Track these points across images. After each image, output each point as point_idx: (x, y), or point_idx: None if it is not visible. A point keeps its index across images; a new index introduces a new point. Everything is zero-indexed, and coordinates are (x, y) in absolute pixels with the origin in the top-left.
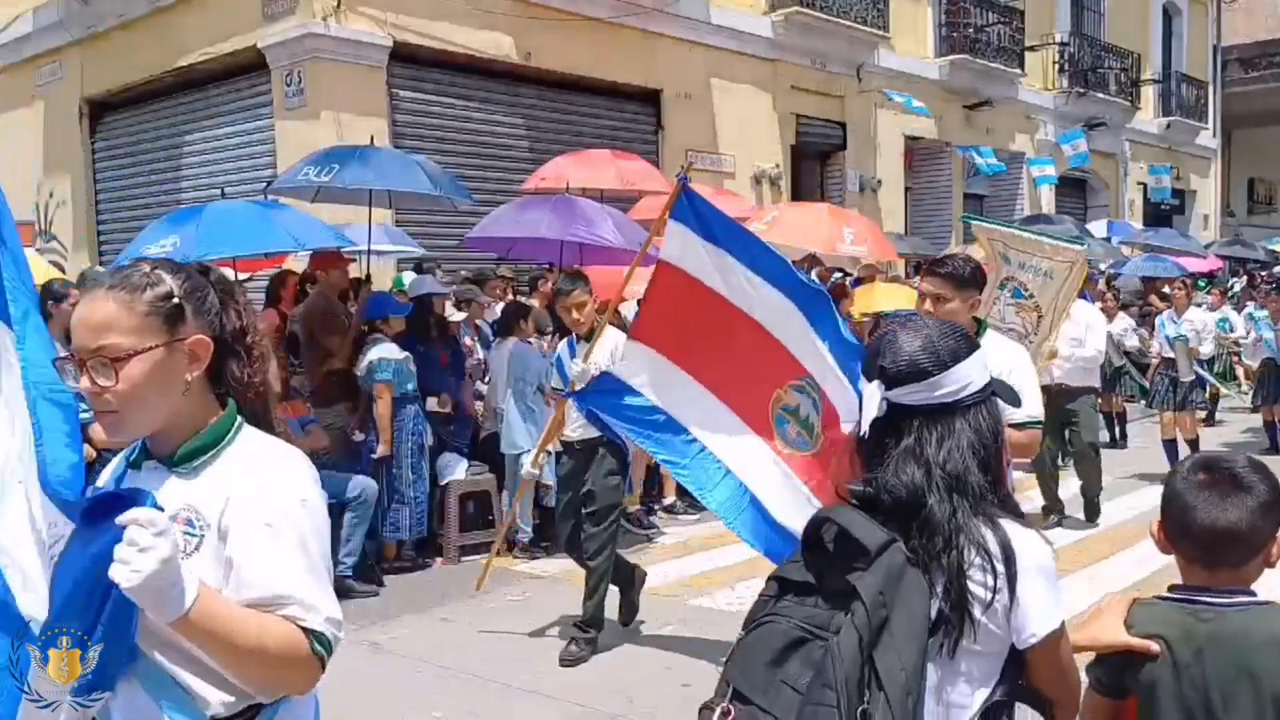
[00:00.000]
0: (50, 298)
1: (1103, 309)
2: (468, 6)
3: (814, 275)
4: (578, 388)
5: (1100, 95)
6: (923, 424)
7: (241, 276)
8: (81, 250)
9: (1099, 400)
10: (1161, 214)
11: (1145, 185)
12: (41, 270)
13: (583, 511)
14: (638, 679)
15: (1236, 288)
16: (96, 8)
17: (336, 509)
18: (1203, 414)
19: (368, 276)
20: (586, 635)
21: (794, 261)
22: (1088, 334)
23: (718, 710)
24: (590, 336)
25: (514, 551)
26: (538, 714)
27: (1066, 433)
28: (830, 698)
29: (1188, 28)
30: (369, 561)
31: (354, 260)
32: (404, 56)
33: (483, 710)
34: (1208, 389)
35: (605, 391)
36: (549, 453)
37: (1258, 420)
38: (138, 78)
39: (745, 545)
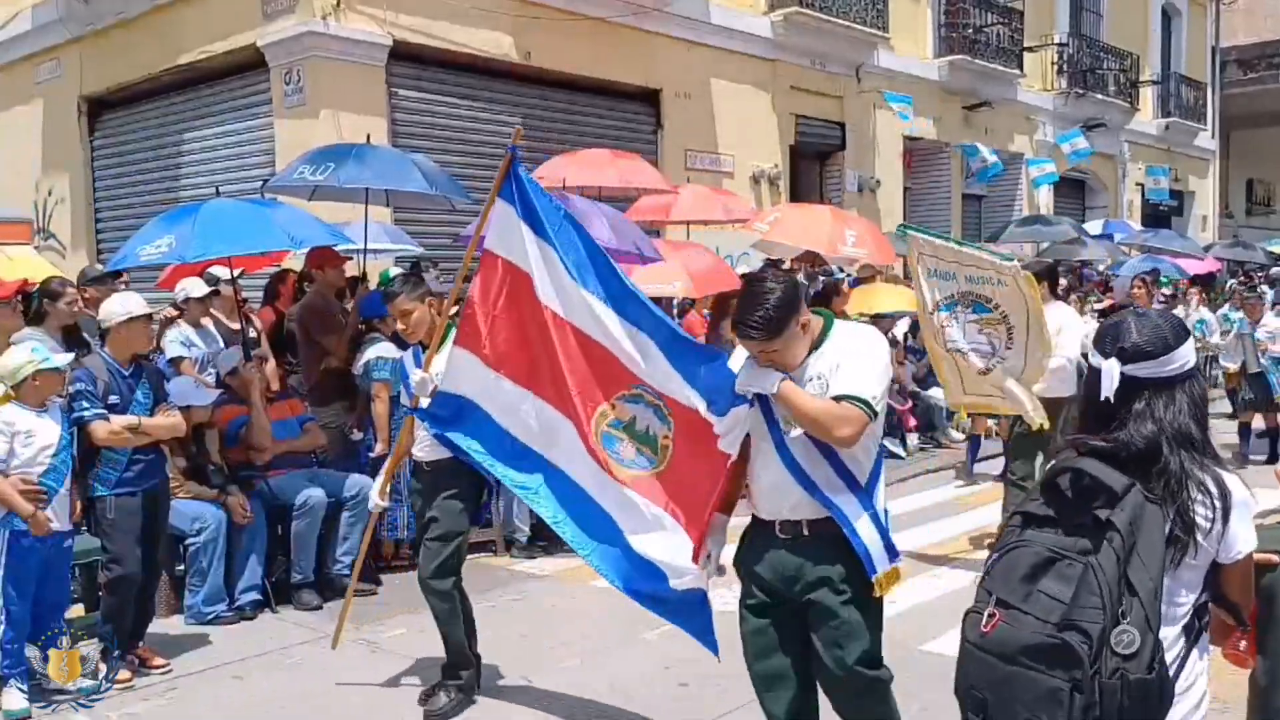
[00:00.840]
0: (48, 295)
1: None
2: (467, 6)
3: (809, 272)
4: (421, 401)
5: (1099, 96)
6: (1151, 393)
7: (237, 273)
8: (80, 248)
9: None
10: (1160, 215)
11: (1144, 186)
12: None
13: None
14: (636, 678)
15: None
16: (96, 6)
17: (334, 508)
18: None
19: (364, 275)
20: (457, 681)
21: (791, 260)
22: (1059, 338)
23: (986, 613)
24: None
25: (511, 551)
26: (535, 713)
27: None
28: (1096, 601)
29: (1186, 29)
30: (367, 560)
31: (351, 259)
32: (403, 55)
33: (480, 710)
34: None
35: (445, 406)
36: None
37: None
38: (137, 76)
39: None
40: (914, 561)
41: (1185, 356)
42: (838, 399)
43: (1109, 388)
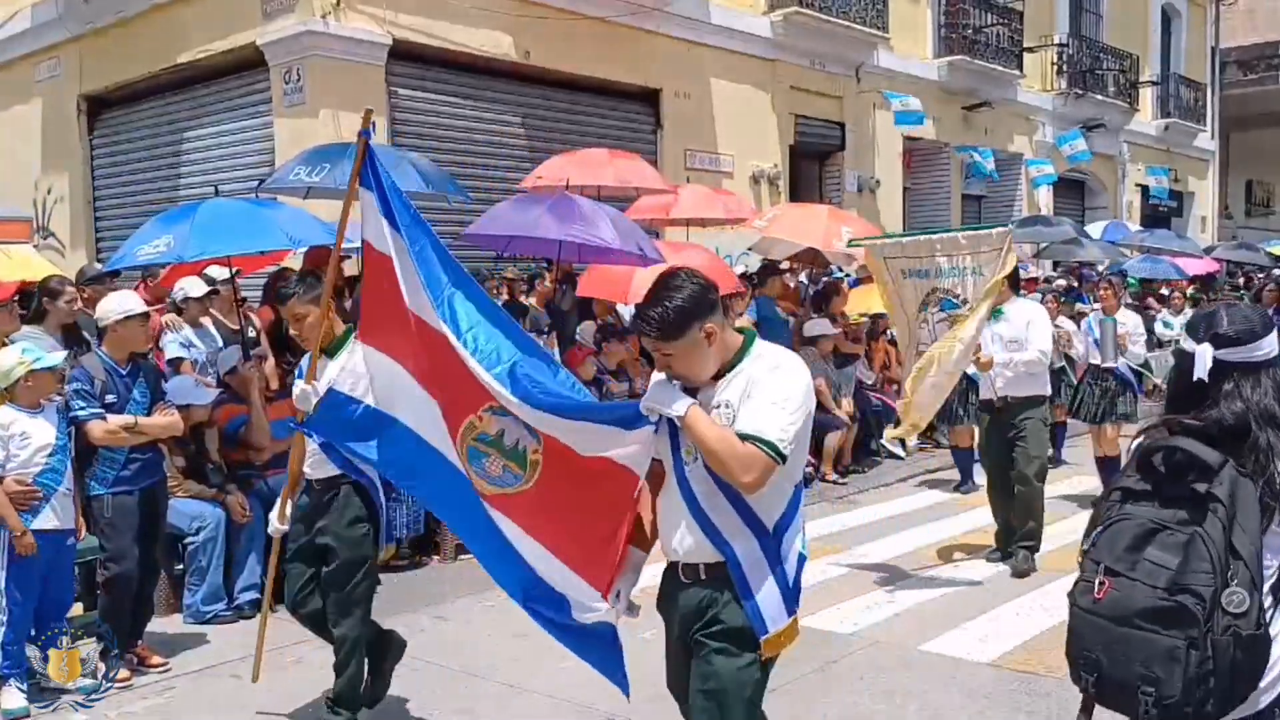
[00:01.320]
0: (47, 294)
1: (1104, 308)
2: (467, 5)
3: (811, 273)
4: (299, 412)
5: (1099, 97)
6: (1239, 376)
7: (234, 271)
8: (79, 247)
9: (1052, 412)
10: (1159, 216)
11: (1143, 187)
12: (41, 267)
13: (322, 569)
14: (634, 678)
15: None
16: (95, 4)
17: None
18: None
19: (361, 274)
20: (339, 718)
21: (789, 258)
22: (1030, 332)
23: (1096, 581)
24: (334, 351)
25: None
26: (533, 713)
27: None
28: (1206, 566)
29: (1186, 30)
30: None
31: (350, 258)
32: (403, 55)
33: (478, 709)
34: (1138, 399)
35: (332, 410)
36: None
37: None
38: (136, 75)
39: None
40: (914, 561)
41: (1270, 345)
42: (741, 437)
43: (1202, 370)
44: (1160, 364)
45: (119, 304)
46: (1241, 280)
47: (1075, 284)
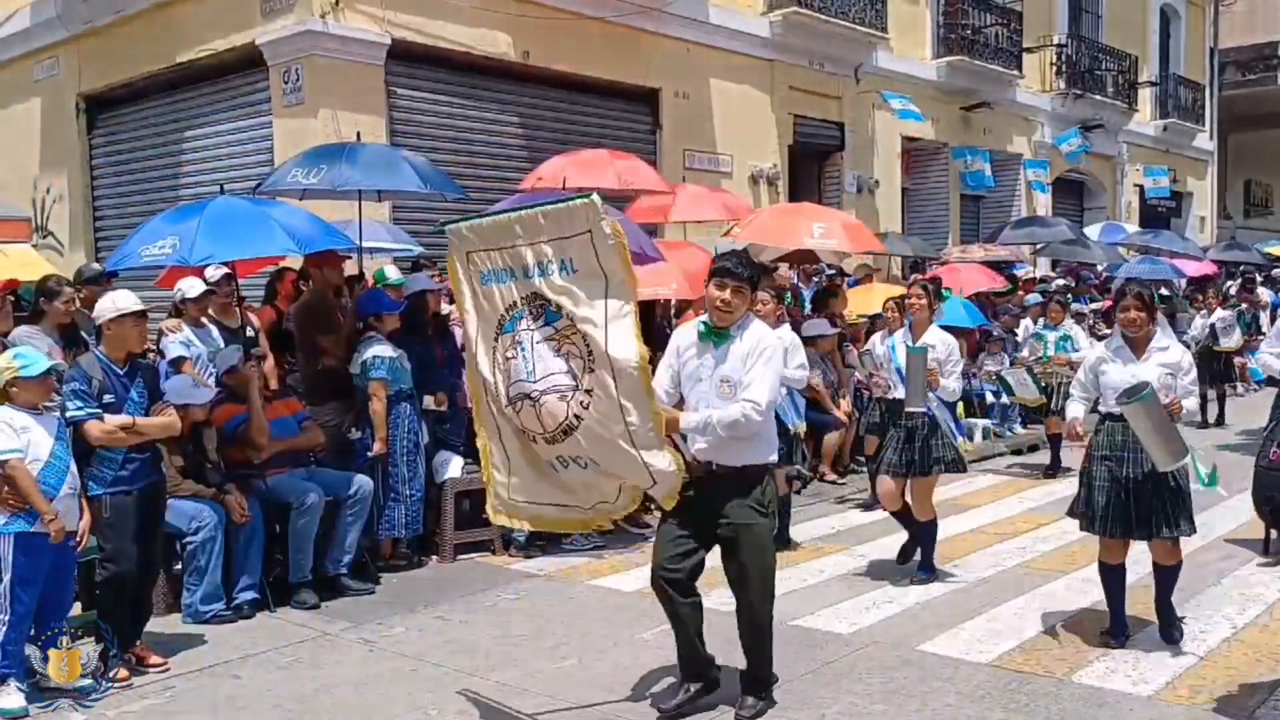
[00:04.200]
0: (44, 294)
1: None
2: (466, 5)
3: (806, 271)
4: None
5: (1097, 97)
6: None
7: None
8: (78, 247)
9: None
10: (1158, 216)
11: (1142, 187)
12: (41, 267)
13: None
14: (634, 678)
15: (1231, 290)
16: (94, 3)
17: (332, 507)
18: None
19: (361, 274)
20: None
21: (773, 260)
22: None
23: (1271, 449)
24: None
25: (510, 550)
26: (533, 713)
27: None
28: None
29: (1185, 30)
30: (365, 559)
31: (349, 257)
32: (402, 54)
33: (476, 710)
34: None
35: None
36: None
37: (1250, 423)
38: (135, 74)
39: None
40: (914, 562)
41: None
42: None
43: None
44: (1019, 382)
45: (113, 303)
46: (1242, 280)
47: (1074, 284)
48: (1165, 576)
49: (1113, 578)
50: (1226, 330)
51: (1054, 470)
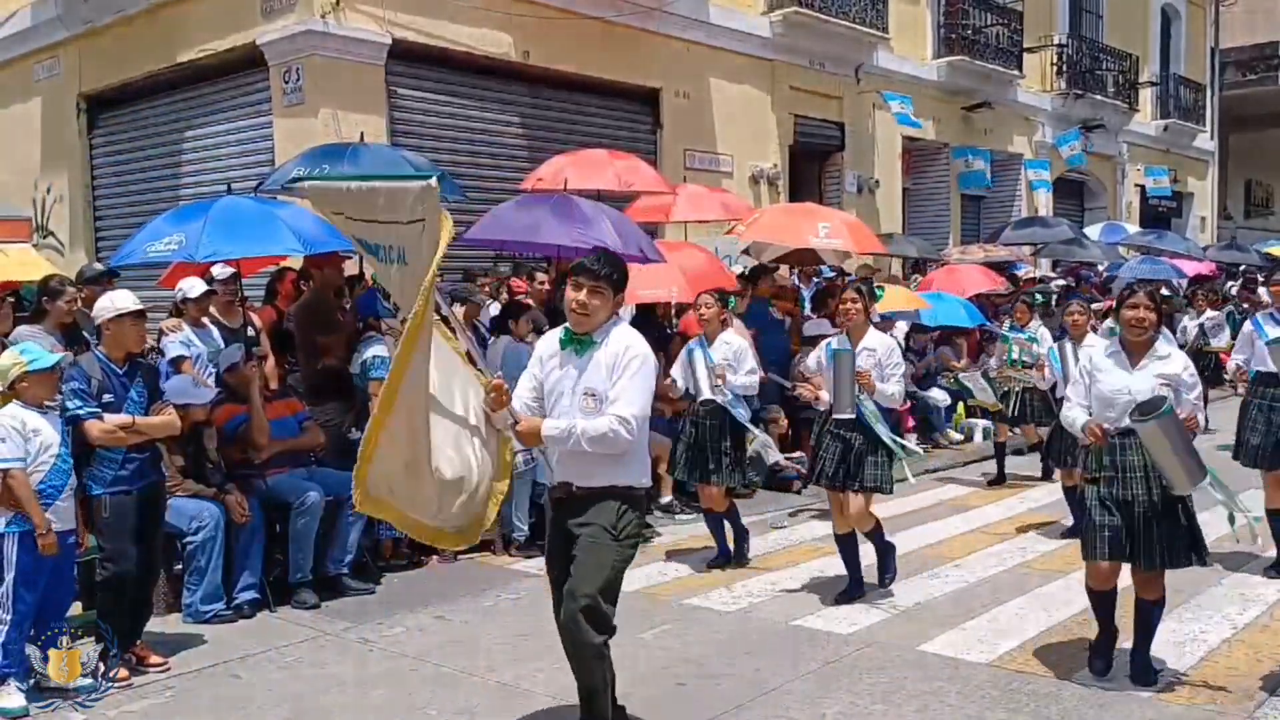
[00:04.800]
0: (46, 294)
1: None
2: (467, 5)
3: (805, 273)
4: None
5: (1098, 97)
6: None
7: (231, 272)
8: (79, 247)
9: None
10: (1159, 216)
11: (1143, 187)
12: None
13: None
14: (633, 679)
15: (1233, 291)
16: (94, 3)
17: (333, 506)
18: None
19: (360, 274)
20: None
21: (774, 260)
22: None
23: None
24: None
25: (510, 550)
26: (533, 713)
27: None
28: None
29: (1186, 30)
30: (365, 559)
31: (350, 257)
32: (403, 54)
33: (477, 709)
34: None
35: None
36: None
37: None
38: (136, 74)
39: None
40: (913, 562)
41: None
42: None
43: None
44: (978, 387)
45: (112, 302)
46: (1243, 280)
47: (1074, 284)
48: (1147, 613)
49: (1104, 604)
50: (1215, 330)
51: (999, 481)
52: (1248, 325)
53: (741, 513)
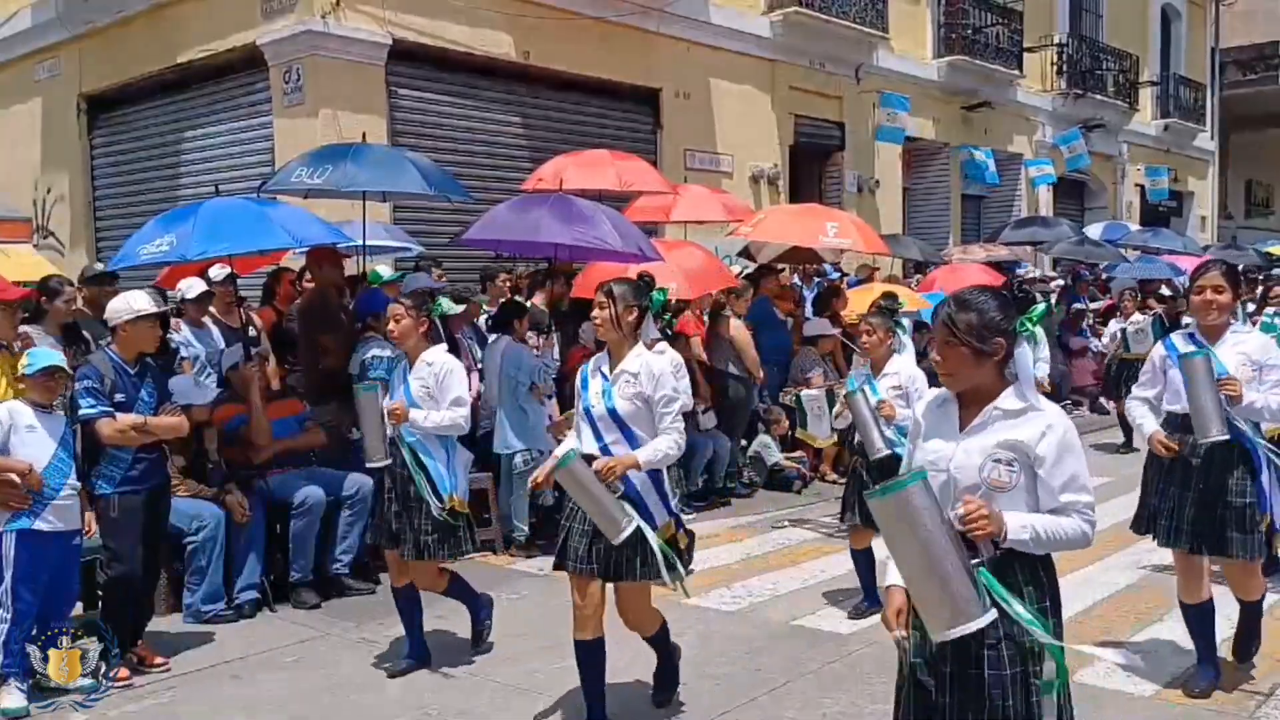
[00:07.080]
0: (47, 294)
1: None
2: (467, 5)
3: (806, 273)
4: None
5: (1098, 97)
6: None
7: (227, 272)
8: (79, 247)
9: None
10: (1159, 216)
11: (1143, 187)
12: (40, 266)
13: None
14: (634, 678)
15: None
16: (94, 4)
17: (333, 507)
18: None
19: (362, 274)
20: None
21: (774, 258)
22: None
23: None
24: None
25: (510, 550)
26: (533, 713)
27: None
28: None
29: (1186, 30)
30: (365, 559)
31: (350, 257)
32: (403, 55)
33: (477, 710)
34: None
35: None
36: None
37: None
38: (136, 74)
39: (742, 545)
40: None
41: None
42: None
43: None
44: (815, 412)
45: (129, 304)
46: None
47: (1072, 283)
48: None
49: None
50: (1139, 336)
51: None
52: (1158, 350)
53: (741, 513)
